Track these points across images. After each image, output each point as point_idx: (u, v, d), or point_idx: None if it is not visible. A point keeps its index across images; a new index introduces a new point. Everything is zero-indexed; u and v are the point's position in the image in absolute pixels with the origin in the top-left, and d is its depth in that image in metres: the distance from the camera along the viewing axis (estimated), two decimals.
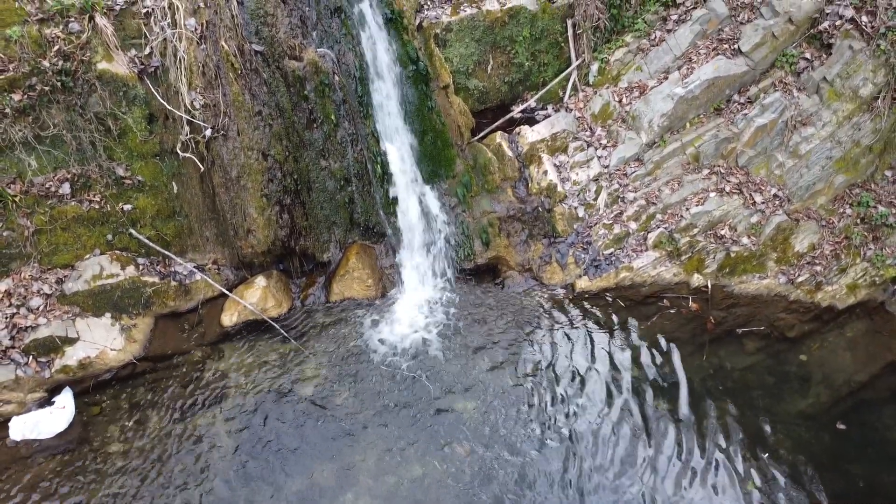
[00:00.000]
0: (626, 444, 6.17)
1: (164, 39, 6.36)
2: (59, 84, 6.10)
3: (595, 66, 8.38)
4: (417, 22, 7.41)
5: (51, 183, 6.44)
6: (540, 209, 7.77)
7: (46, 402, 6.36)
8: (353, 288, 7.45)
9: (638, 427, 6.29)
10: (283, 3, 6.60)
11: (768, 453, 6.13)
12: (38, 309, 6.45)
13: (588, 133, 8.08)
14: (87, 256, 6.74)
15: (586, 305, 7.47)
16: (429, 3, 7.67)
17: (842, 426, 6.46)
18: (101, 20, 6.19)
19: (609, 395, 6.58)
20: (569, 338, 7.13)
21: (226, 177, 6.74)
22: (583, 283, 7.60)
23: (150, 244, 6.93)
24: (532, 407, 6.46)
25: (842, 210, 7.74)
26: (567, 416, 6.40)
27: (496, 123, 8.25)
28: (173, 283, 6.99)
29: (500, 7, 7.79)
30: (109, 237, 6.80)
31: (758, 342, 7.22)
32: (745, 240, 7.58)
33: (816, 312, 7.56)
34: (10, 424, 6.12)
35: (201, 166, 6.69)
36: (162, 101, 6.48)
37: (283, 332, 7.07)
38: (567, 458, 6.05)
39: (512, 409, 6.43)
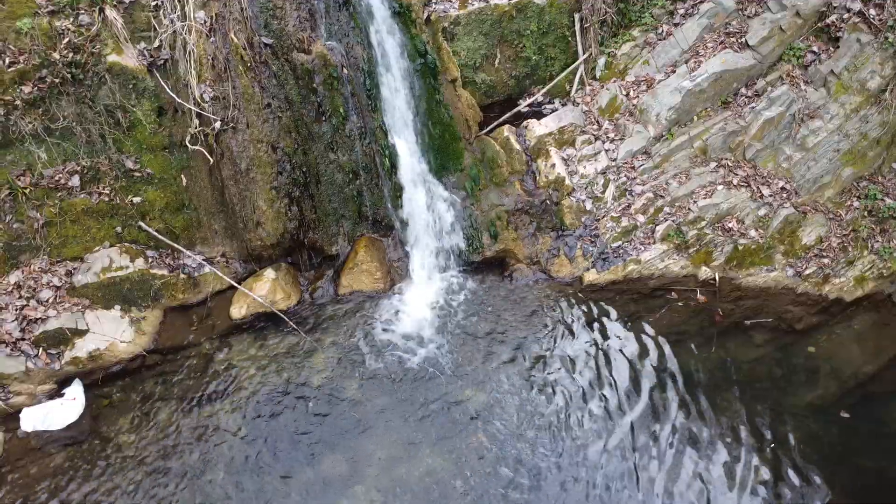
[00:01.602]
0: (633, 436, 6.17)
1: (174, 32, 6.37)
2: (69, 76, 6.12)
3: (602, 60, 8.39)
4: (425, 15, 7.42)
5: (60, 175, 6.45)
6: (548, 202, 7.78)
7: (56, 393, 6.36)
8: (362, 281, 7.46)
9: (645, 419, 6.30)
10: None
11: (777, 445, 6.13)
12: (47, 301, 6.45)
13: (595, 126, 8.09)
14: (97, 249, 6.75)
15: (594, 298, 7.48)
16: None
17: (845, 415, 6.47)
18: (110, 12, 6.21)
19: (616, 387, 6.58)
20: (577, 331, 7.13)
21: (235, 169, 6.75)
22: (591, 276, 7.61)
23: (159, 237, 6.94)
24: (540, 399, 6.46)
25: (849, 203, 7.75)
26: (574, 407, 6.40)
27: (504, 117, 8.26)
28: (182, 276, 6.99)
29: (507, 1, 7.80)
30: (119, 230, 6.82)
31: (766, 334, 7.22)
32: (752, 232, 7.59)
33: (824, 305, 7.56)
34: (21, 416, 6.12)
35: (210, 159, 6.70)
36: (171, 93, 6.49)
37: (292, 324, 7.07)
38: (573, 448, 6.06)
39: (520, 401, 6.44)
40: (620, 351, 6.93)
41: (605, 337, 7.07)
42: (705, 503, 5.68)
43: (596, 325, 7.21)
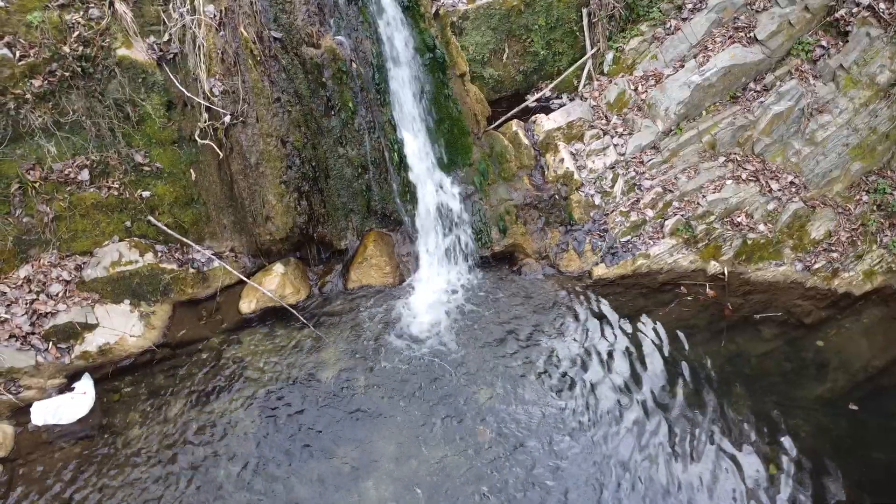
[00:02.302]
0: (645, 430, 6.17)
1: (183, 26, 6.35)
2: (78, 70, 6.11)
3: (610, 55, 8.38)
4: (434, 10, 7.41)
5: (70, 169, 6.44)
6: (556, 197, 7.78)
7: (66, 388, 6.35)
8: (371, 275, 7.46)
9: (656, 413, 6.30)
10: None
11: (787, 438, 6.14)
12: (57, 295, 6.45)
13: (604, 121, 8.08)
14: (106, 243, 6.75)
15: (603, 293, 7.48)
16: None
17: (854, 407, 6.47)
18: (120, 6, 6.20)
19: (627, 381, 6.59)
20: (586, 325, 7.13)
21: (244, 163, 6.74)
22: (600, 271, 7.61)
23: (169, 231, 6.93)
24: (551, 394, 6.46)
25: (858, 197, 7.75)
26: (585, 402, 6.40)
27: (512, 112, 8.25)
28: (191, 271, 6.99)
29: None
30: (128, 224, 6.81)
31: (775, 329, 7.22)
32: (761, 227, 7.59)
33: (833, 299, 7.56)
34: (31, 410, 6.11)
35: (220, 153, 6.69)
36: (181, 87, 6.48)
37: (301, 318, 7.07)
38: (584, 442, 6.06)
39: (530, 396, 6.43)
40: (629, 345, 6.93)
41: (614, 331, 7.07)
42: (708, 496, 5.68)
43: (605, 319, 7.20)
